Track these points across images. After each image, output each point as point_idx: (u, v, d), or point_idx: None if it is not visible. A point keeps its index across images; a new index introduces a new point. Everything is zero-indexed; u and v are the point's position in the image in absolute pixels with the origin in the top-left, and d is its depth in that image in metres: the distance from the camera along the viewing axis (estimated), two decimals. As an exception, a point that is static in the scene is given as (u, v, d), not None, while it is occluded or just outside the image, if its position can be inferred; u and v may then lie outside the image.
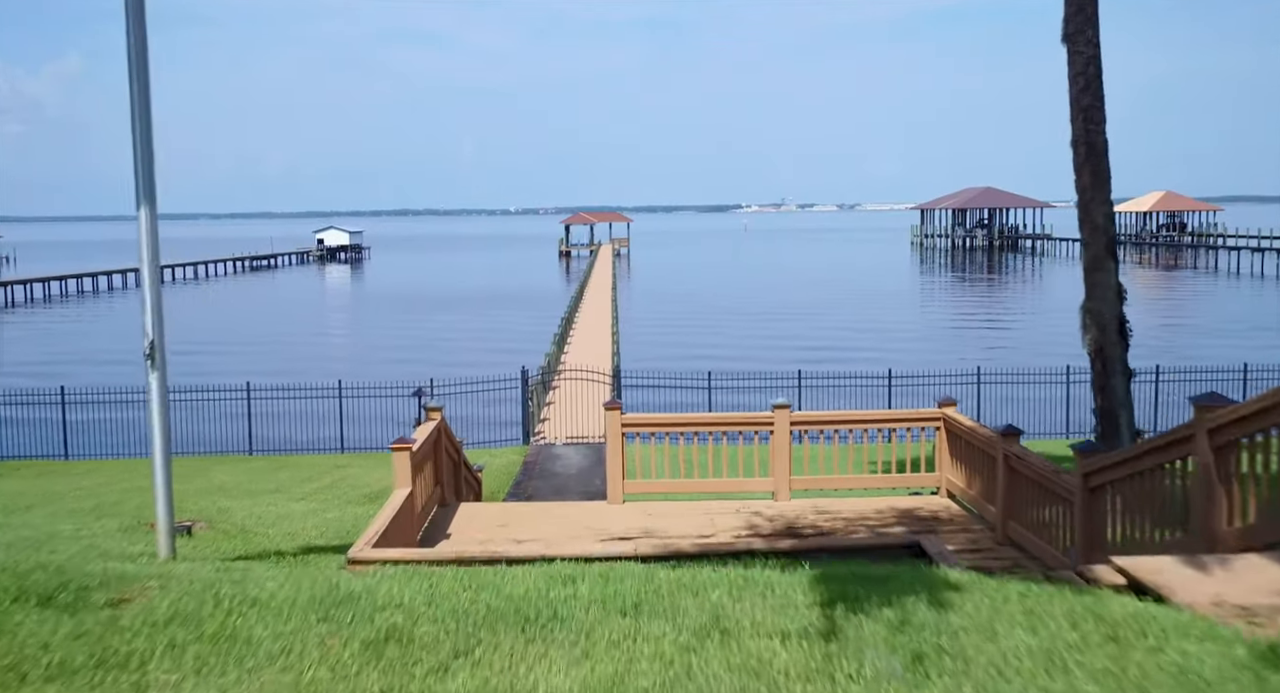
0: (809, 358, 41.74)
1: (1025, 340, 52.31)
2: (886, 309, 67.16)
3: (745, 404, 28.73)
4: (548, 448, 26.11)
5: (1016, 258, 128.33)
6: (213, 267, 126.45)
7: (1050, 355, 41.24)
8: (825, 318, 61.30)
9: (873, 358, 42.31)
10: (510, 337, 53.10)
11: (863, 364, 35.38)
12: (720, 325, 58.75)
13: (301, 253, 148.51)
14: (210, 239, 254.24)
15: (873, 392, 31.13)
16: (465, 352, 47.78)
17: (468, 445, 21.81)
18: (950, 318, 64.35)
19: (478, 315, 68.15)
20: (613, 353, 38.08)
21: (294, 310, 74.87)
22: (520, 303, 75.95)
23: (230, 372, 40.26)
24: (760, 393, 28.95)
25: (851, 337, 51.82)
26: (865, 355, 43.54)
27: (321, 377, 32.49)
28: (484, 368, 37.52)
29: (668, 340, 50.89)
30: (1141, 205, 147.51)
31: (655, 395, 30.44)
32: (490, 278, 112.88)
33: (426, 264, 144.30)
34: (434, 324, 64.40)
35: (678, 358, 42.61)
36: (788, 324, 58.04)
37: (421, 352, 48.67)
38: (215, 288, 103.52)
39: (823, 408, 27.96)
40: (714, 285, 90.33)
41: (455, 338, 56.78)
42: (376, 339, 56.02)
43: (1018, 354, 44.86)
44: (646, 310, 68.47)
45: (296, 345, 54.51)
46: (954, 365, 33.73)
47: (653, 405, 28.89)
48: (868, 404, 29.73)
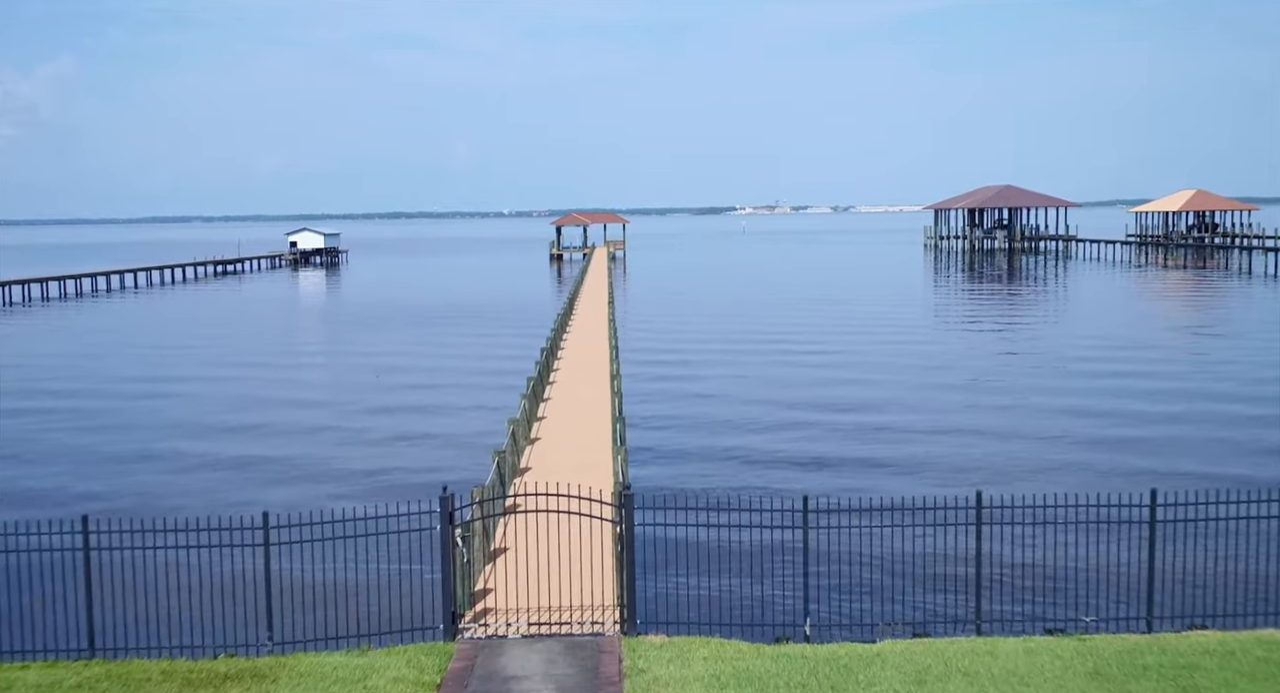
0: (868, 431, 33.00)
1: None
2: (940, 345, 56.46)
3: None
4: (490, 649, 13.10)
5: (1042, 261, 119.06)
6: (176, 272, 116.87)
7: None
8: (875, 362, 45.92)
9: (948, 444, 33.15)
10: (471, 382, 42.47)
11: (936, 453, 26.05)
12: (747, 360, 46.01)
13: (273, 257, 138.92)
14: (205, 242, 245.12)
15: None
16: (398, 420, 35.25)
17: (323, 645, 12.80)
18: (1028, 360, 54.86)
19: (442, 338, 57.55)
20: (615, 437, 22.80)
21: (219, 331, 61.63)
22: (499, 318, 66.43)
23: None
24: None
25: (910, 399, 40.02)
26: (928, 442, 34.63)
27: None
28: (410, 459, 28.31)
29: (686, 391, 38.38)
30: (1170, 205, 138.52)
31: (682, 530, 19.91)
32: (472, 284, 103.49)
33: (406, 269, 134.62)
34: (383, 353, 54.11)
35: (700, 427, 33.26)
36: (829, 370, 43.02)
37: (340, 422, 35.96)
38: (162, 297, 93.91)
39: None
40: (727, 300, 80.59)
41: (397, 386, 45.91)
42: (285, 388, 41.56)
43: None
44: (653, 335, 55.89)
45: (169, 395, 40.04)
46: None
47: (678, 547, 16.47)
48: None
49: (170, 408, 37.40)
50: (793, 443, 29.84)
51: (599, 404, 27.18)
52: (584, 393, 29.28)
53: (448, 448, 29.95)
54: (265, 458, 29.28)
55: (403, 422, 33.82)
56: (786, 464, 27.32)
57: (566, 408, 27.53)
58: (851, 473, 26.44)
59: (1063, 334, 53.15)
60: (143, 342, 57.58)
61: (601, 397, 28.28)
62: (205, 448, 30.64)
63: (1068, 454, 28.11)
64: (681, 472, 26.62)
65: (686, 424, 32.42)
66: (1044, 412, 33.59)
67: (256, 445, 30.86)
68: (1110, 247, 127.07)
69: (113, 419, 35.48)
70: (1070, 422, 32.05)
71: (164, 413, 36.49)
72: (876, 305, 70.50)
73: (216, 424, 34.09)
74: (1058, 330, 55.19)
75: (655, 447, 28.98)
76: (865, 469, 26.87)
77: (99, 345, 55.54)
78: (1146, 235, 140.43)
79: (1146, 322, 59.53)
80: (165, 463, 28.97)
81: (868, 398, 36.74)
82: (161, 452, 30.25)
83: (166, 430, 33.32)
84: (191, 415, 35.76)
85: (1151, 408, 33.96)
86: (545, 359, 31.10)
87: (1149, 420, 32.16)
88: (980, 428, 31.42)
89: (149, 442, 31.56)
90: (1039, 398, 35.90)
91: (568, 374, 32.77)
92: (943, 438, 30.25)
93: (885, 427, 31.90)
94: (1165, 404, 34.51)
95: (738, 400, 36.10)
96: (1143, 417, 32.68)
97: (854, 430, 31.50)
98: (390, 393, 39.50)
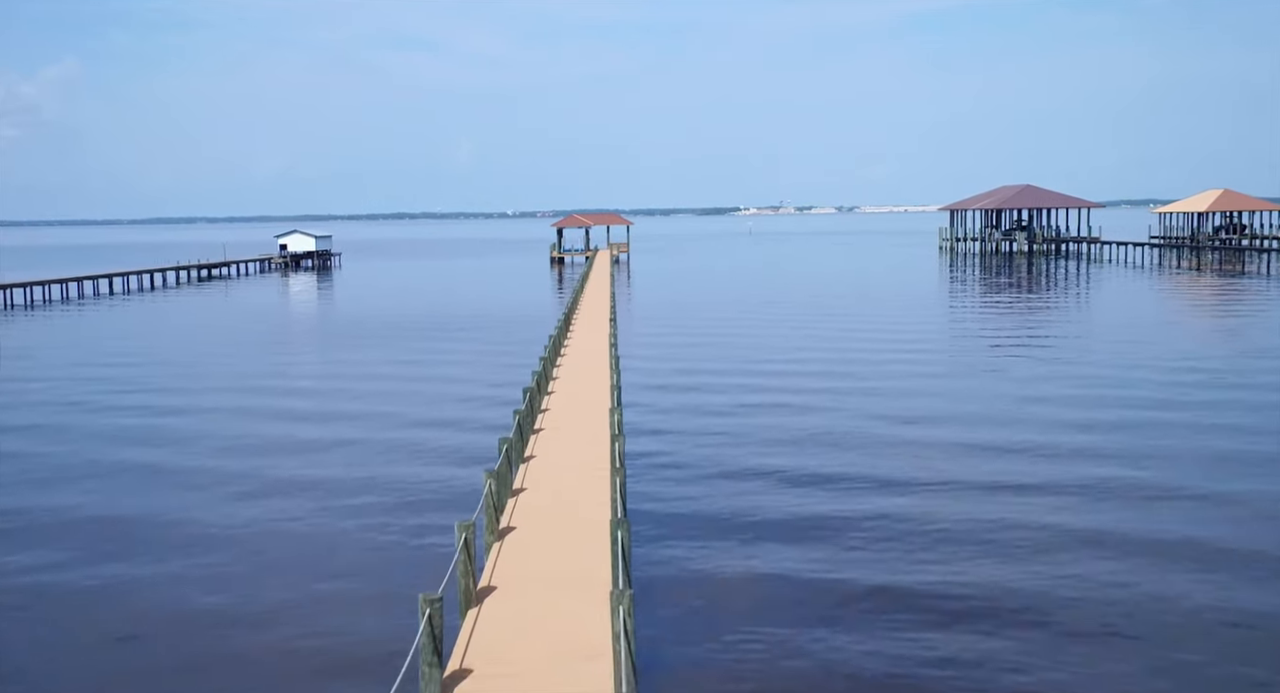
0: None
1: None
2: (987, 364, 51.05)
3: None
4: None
5: (1068, 265, 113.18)
6: (156, 277, 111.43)
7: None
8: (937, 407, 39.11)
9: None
10: (444, 417, 36.92)
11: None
12: (772, 391, 38.47)
13: (263, 260, 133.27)
14: (205, 244, 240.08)
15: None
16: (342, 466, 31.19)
17: None
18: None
19: (420, 355, 52.00)
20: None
21: (174, 350, 54.73)
22: (487, 333, 60.61)
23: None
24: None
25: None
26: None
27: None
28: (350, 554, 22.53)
29: (704, 430, 31.53)
30: (1197, 205, 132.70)
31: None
32: (464, 291, 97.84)
33: (400, 273, 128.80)
34: (346, 375, 49.04)
35: (723, 483, 27.77)
36: (872, 398, 36.30)
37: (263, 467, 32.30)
38: (133, 305, 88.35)
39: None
40: (744, 310, 74.76)
41: (336, 418, 41.38)
42: (217, 441, 33.11)
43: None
44: (661, 354, 49.87)
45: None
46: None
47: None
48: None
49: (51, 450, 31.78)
50: (836, 511, 24.16)
51: (594, 480, 20.20)
52: (577, 453, 22.54)
53: (399, 516, 24.30)
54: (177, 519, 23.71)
55: (346, 473, 28.18)
56: (828, 544, 21.63)
57: (551, 469, 21.53)
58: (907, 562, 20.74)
59: (1145, 358, 46.89)
60: (71, 360, 51.97)
61: (599, 458, 21.95)
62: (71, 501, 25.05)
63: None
64: (700, 557, 20.86)
65: (707, 485, 26.69)
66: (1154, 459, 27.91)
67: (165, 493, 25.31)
68: (1139, 250, 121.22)
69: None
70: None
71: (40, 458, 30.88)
72: (913, 322, 64.61)
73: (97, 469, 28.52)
74: (1133, 352, 49.29)
75: (665, 517, 23.28)
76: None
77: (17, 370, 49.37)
78: (1171, 237, 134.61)
79: (1225, 340, 53.70)
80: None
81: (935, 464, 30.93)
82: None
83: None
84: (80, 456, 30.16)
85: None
86: (530, 401, 25.21)
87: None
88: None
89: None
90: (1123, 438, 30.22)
91: (560, 414, 26.99)
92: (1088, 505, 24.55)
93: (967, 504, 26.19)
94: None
95: (759, 442, 30.39)
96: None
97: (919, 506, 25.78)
98: (336, 429, 33.86)
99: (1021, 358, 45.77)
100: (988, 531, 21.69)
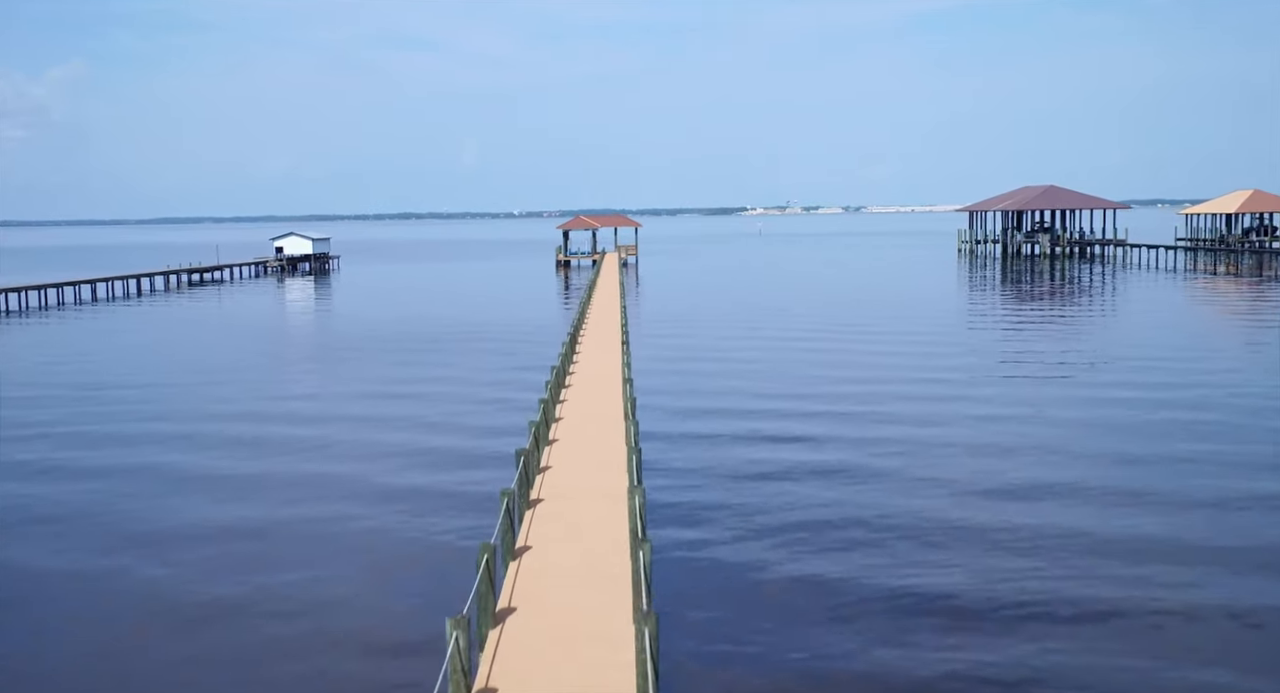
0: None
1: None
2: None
3: None
4: None
5: (1096, 269, 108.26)
6: (146, 282, 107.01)
7: None
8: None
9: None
10: (432, 458, 32.54)
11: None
12: (806, 420, 34.19)
13: (258, 264, 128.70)
14: (206, 245, 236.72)
15: None
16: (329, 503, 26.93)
17: None
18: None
19: (410, 373, 47.93)
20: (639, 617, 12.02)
21: (135, 372, 49.61)
22: (488, 348, 55.99)
23: None
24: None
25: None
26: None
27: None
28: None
29: (742, 472, 26.87)
30: (1226, 206, 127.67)
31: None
32: (466, 299, 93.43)
33: (401, 278, 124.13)
34: (323, 400, 44.46)
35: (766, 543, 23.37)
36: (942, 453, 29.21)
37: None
38: (114, 314, 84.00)
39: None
40: (765, 321, 70.26)
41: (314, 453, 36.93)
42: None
43: None
44: (679, 379, 44.11)
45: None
46: None
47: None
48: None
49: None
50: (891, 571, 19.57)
51: (611, 521, 17.09)
52: (589, 507, 18.45)
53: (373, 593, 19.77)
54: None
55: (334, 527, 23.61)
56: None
57: (563, 528, 17.33)
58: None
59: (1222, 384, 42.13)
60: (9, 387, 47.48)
61: (617, 511, 17.87)
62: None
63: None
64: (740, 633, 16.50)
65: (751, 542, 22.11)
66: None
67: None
68: (1170, 254, 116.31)
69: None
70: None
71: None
72: (948, 343, 59.99)
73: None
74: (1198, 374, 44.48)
75: (695, 593, 18.73)
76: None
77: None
78: (1199, 240, 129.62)
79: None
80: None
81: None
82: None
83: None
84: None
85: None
86: (534, 439, 20.47)
87: None
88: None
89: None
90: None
91: (566, 453, 22.29)
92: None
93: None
94: None
95: (788, 480, 25.73)
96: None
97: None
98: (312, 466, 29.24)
99: (1068, 382, 40.97)
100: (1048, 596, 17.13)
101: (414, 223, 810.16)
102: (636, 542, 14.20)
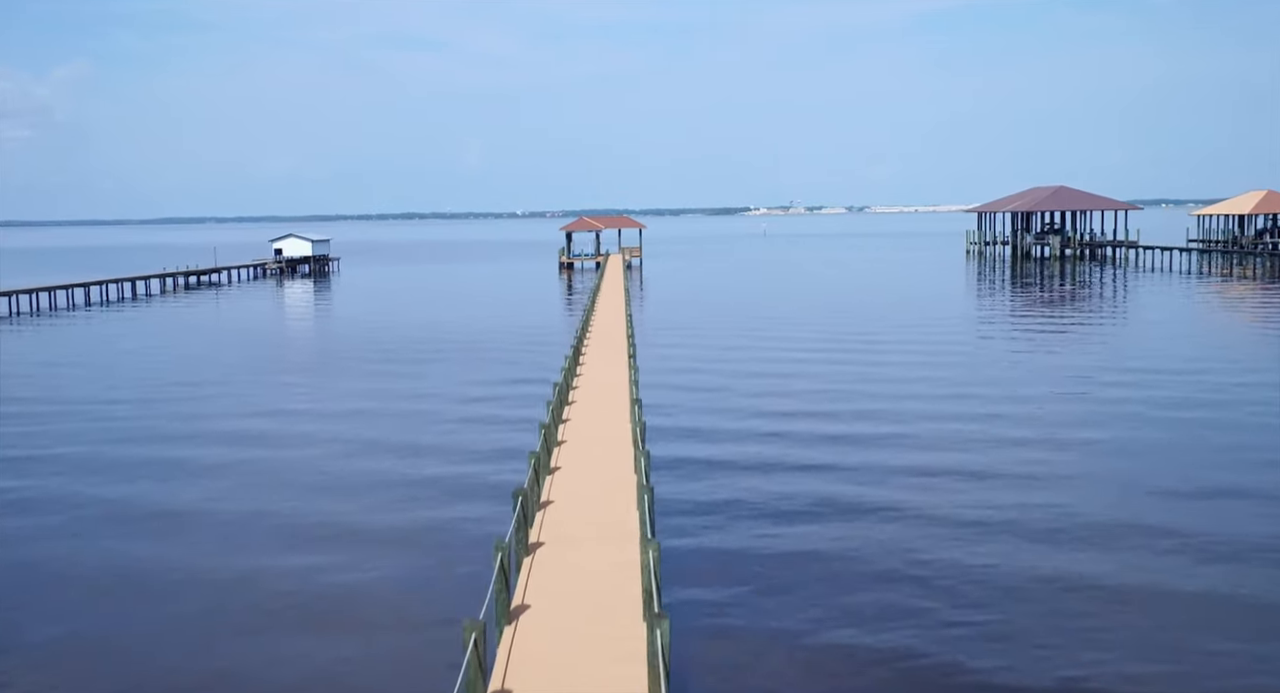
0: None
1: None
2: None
3: None
4: None
5: (1109, 271, 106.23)
6: (142, 285, 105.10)
7: None
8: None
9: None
10: (423, 490, 30.75)
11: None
12: (832, 446, 31.04)
13: (256, 266, 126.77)
14: (204, 246, 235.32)
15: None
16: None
17: None
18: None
19: (399, 386, 46.16)
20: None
21: (119, 386, 45.69)
22: (487, 359, 54.03)
23: None
24: None
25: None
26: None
27: None
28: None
29: (765, 511, 24.17)
30: (1239, 207, 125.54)
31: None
32: (466, 302, 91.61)
33: (401, 280, 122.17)
34: (304, 418, 42.52)
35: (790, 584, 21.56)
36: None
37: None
38: (106, 320, 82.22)
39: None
40: (778, 329, 68.26)
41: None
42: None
43: None
44: (691, 396, 40.29)
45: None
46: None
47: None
48: None
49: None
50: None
51: (622, 570, 15.12)
52: (596, 554, 16.49)
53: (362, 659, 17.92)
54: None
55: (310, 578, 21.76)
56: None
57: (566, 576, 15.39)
58: None
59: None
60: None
61: (625, 562, 15.90)
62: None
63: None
64: None
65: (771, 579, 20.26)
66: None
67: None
68: (1182, 255, 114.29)
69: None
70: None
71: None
72: (974, 358, 58.05)
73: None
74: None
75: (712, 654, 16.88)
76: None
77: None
78: (1211, 241, 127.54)
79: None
80: None
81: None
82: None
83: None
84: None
85: None
86: (534, 473, 18.57)
87: None
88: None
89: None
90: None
91: (569, 491, 20.35)
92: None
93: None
94: None
95: (812, 518, 23.85)
96: None
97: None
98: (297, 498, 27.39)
99: (1100, 404, 39.07)
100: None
101: (417, 223, 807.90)
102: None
